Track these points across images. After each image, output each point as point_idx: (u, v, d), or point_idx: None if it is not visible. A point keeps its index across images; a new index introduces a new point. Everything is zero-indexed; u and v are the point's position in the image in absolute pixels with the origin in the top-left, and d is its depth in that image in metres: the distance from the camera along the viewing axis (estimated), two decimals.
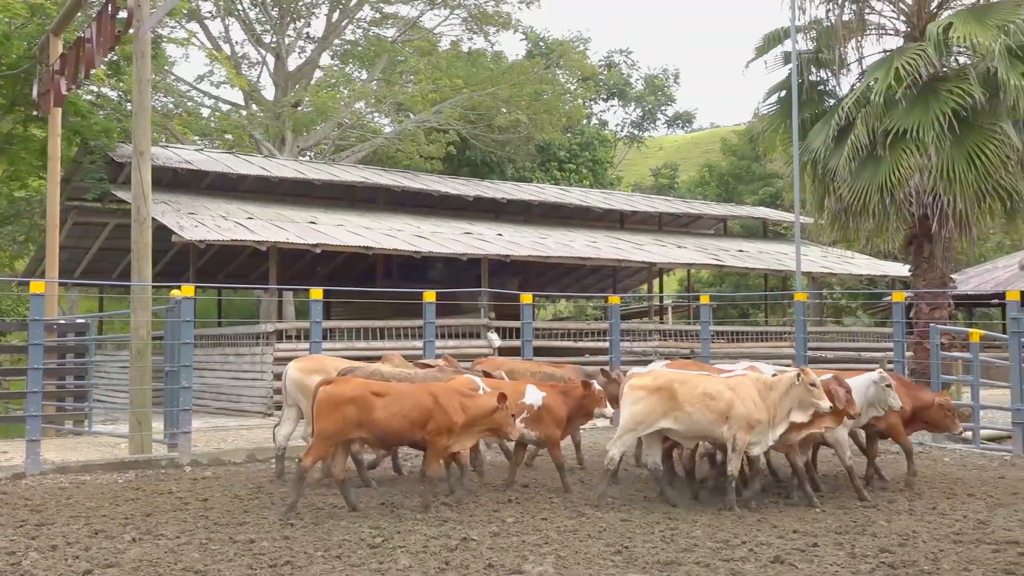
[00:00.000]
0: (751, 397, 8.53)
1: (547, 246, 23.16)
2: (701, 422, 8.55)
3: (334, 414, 8.13)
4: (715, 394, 8.51)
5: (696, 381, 8.67)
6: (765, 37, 19.08)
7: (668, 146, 70.97)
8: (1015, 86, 15.51)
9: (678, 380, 8.66)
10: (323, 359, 10.85)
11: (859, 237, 18.26)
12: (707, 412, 8.50)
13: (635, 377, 8.87)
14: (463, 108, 32.65)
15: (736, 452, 8.53)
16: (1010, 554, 6.99)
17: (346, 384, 8.45)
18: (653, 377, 8.78)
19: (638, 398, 8.60)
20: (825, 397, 8.38)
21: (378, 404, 8.21)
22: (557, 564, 6.69)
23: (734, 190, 47.92)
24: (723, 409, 8.48)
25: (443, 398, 8.40)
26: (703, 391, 8.54)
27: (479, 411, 8.50)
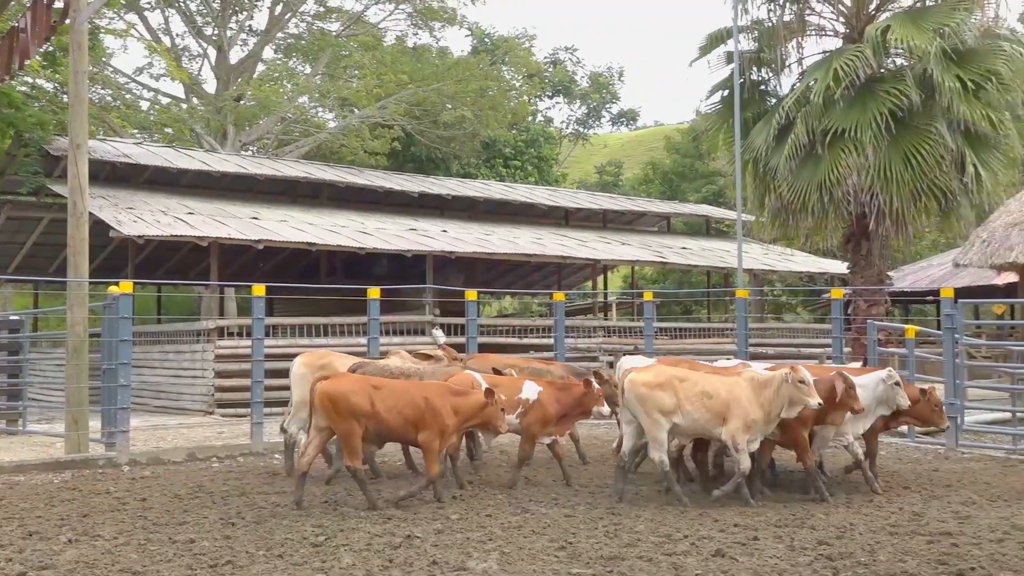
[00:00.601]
0: (747, 396, 8.60)
1: (492, 243, 23.16)
2: (699, 420, 8.61)
3: (340, 409, 8.24)
4: (713, 393, 8.59)
5: (695, 379, 8.75)
6: (708, 37, 19.29)
7: (613, 144, 71.40)
8: (950, 88, 15.88)
9: (678, 376, 8.74)
10: (329, 354, 10.91)
11: (799, 235, 18.59)
12: (705, 411, 8.56)
13: (635, 373, 8.84)
14: (408, 104, 32.48)
15: (741, 451, 8.57)
16: (943, 545, 7.15)
17: (345, 379, 8.60)
18: (654, 373, 8.81)
19: (644, 395, 8.59)
20: (815, 394, 8.46)
21: (376, 398, 8.35)
22: (501, 560, 6.70)
23: (678, 188, 48.36)
24: (720, 409, 8.55)
25: (436, 400, 8.51)
26: (702, 389, 8.61)
27: (470, 409, 8.63)
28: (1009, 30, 17.69)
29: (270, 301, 21.29)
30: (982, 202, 17.02)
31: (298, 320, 19.25)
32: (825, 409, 8.88)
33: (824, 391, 8.81)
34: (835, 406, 8.94)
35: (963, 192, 16.54)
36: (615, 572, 6.42)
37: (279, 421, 15.68)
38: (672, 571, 6.45)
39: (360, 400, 8.31)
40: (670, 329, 24.31)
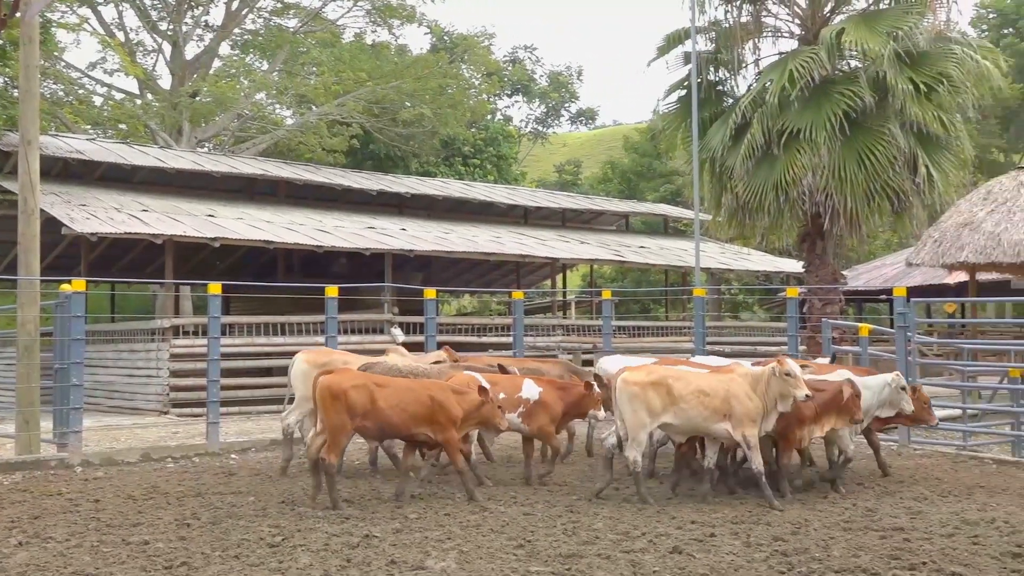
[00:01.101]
0: (746, 392, 8.61)
1: (451, 241, 23.13)
2: (696, 419, 8.59)
3: (336, 404, 8.25)
4: (710, 390, 8.58)
5: (690, 377, 8.75)
6: (667, 37, 19.43)
7: (572, 143, 71.63)
8: (903, 90, 16.14)
9: (672, 375, 8.74)
10: (331, 351, 10.97)
11: (755, 234, 18.79)
12: (703, 408, 8.54)
13: (628, 372, 8.83)
14: (367, 101, 32.30)
15: (754, 448, 8.56)
16: (896, 540, 7.27)
17: (347, 374, 8.61)
18: (646, 372, 8.80)
19: (635, 393, 8.58)
20: (803, 386, 8.45)
21: (379, 395, 8.39)
22: (460, 559, 6.69)
23: (636, 187, 48.61)
24: (719, 406, 8.54)
25: (440, 395, 8.62)
26: (698, 387, 8.59)
27: (469, 407, 8.73)
28: (960, 34, 18.02)
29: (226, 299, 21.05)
30: (934, 202, 17.31)
31: (255, 319, 19.09)
32: (824, 411, 9.03)
33: (830, 395, 8.98)
34: (839, 410, 9.07)
35: (915, 192, 16.82)
36: (573, 570, 6.44)
37: (236, 421, 15.61)
38: (630, 568, 6.48)
39: (360, 397, 8.31)
40: (628, 327, 24.44)
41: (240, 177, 24.10)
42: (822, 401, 9.01)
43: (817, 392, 8.96)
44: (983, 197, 21.61)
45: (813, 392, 8.90)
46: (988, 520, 7.96)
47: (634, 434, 8.61)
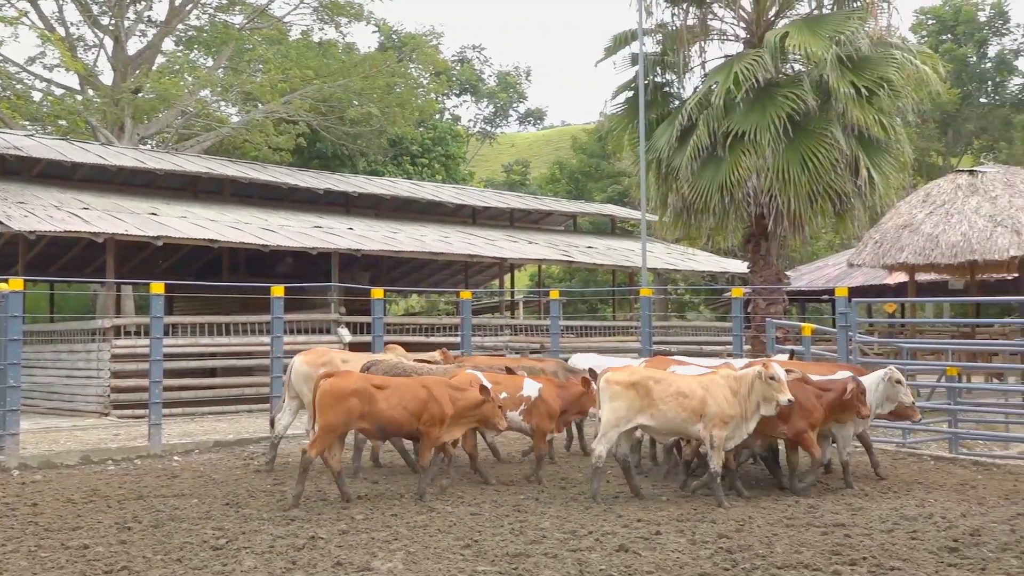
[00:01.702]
0: (723, 395, 8.70)
1: (399, 241, 23.03)
2: (675, 420, 8.69)
3: (337, 406, 8.39)
4: (688, 392, 8.67)
5: (670, 379, 8.85)
6: (614, 38, 19.51)
7: (520, 143, 71.75)
8: (844, 94, 16.40)
9: (652, 377, 8.82)
10: (328, 352, 11.07)
11: (701, 235, 18.96)
12: (680, 410, 8.64)
13: (611, 372, 8.92)
14: (314, 99, 32.02)
15: (716, 449, 8.66)
16: (837, 536, 7.39)
17: (348, 377, 8.74)
18: (628, 373, 8.89)
19: (616, 393, 8.67)
20: (787, 390, 8.57)
21: (379, 396, 8.56)
22: (407, 560, 6.67)
23: (584, 187, 48.83)
24: (697, 407, 8.63)
25: (436, 391, 8.78)
26: (677, 389, 8.69)
27: (467, 404, 8.85)
28: (900, 38, 18.30)
29: (169, 299, 20.76)
30: (875, 204, 17.60)
31: (199, 319, 18.81)
32: (832, 410, 9.17)
33: (836, 393, 9.11)
34: (844, 408, 9.19)
35: (857, 194, 17.09)
36: (520, 569, 6.45)
37: (179, 422, 15.39)
38: (576, 567, 6.51)
39: (360, 400, 8.47)
40: (576, 327, 24.54)
41: (184, 175, 23.74)
42: (829, 400, 9.19)
43: (824, 391, 9.18)
44: (922, 200, 22.03)
45: (821, 392, 9.15)
46: (926, 515, 8.13)
47: (606, 431, 8.73)
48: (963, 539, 7.27)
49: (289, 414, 10.79)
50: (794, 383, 9.13)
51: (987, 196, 20.99)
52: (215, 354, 18.48)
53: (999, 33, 46.47)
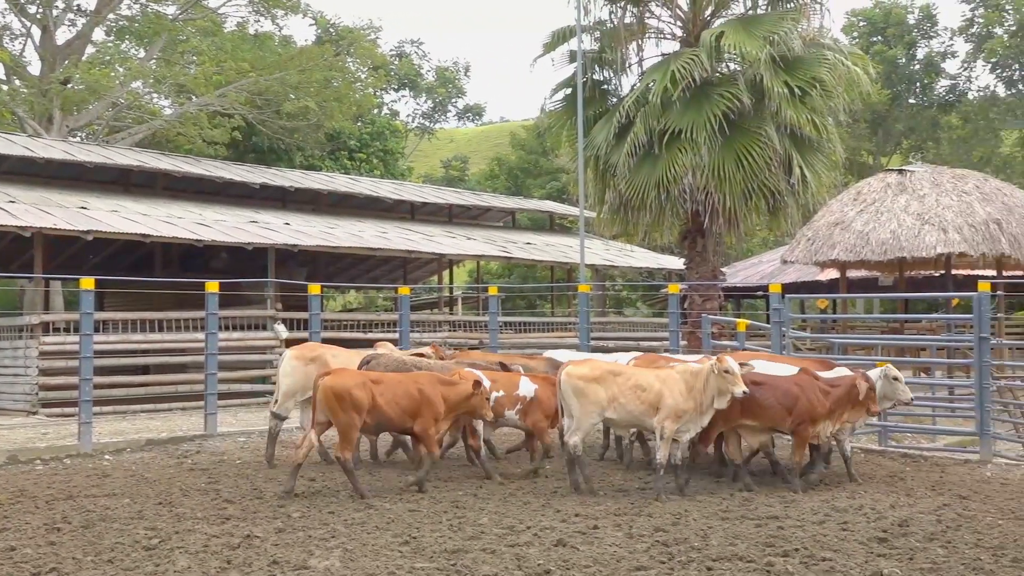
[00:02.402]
0: (679, 389, 8.83)
1: (336, 236, 22.82)
2: (634, 412, 8.84)
3: (344, 404, 8.62)
4: (646, 386, 8.82)
5: (629, 373, 8.99)
6: (553, 35, 19.58)
7: (459, 138, 71.60)
8: (778, 93, 16.68)
9: (613, 371, 8.95)
10: (319, 346, 11.20)
11: (638, 231, 19.14)
12: (639, 403, 8.79)
13: (572, 366, 9.01)
14: (249, 92, 31.55)
15: (665, 440, 8.78)
16: (771, 528, 7.53)
17: (347, 374, 9.00)
18: (590, 367, 9.00)
19: (580, 388, 8.80)
20: (740, 382, 8.67)
21: (376, 391, 8.81)
22: (344, 558, 6.63)
23: (522, 184, 48.92)
24: (654, 400, 8.77)
25: (428, 388, 9.07)
26: (635, 383, 8.84)
27: (458, 397, 9.15)
28: (832, 40, 18.67)
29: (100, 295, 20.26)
30: (807, 202, 17.94)
31: (130, 315, 18.43)
32: (838, 406, 9.26)
33: (844, 391, 9.23)
34: (855, 404, 9.30)
35: (790, 192, 17.40)
36: (458, 565, 6.45)
37: (110, 420, 15.07)
38: (515, 562, 6.53)
39: (363, 395, 8.70)
40: (515, 323, 24.58)
41: (115, 168, 23.23)
42: (836, 396, 9.28)
43: (832, 387, 9.29)
44: (853, 198, 22.47)
45: (828, 388, 9.25)
46: (856, 507, 8.32)
47: (581, 424, 8.88)
48: (892, 530, 7.46)
49: (283, 408, 10.95)
50: (803, 378, 9.38)
51: (915, 195, 21.50)
52: (147, 351, 18.13)
53: (927, 36, 47.65)
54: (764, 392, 9.20)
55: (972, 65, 46.72)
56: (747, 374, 9.11)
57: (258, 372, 18.87)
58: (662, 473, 8.84)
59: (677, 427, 8.82)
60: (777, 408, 9.18)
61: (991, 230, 20.45)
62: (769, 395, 9.21)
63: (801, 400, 9.16)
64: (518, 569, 6.38)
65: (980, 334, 11.19)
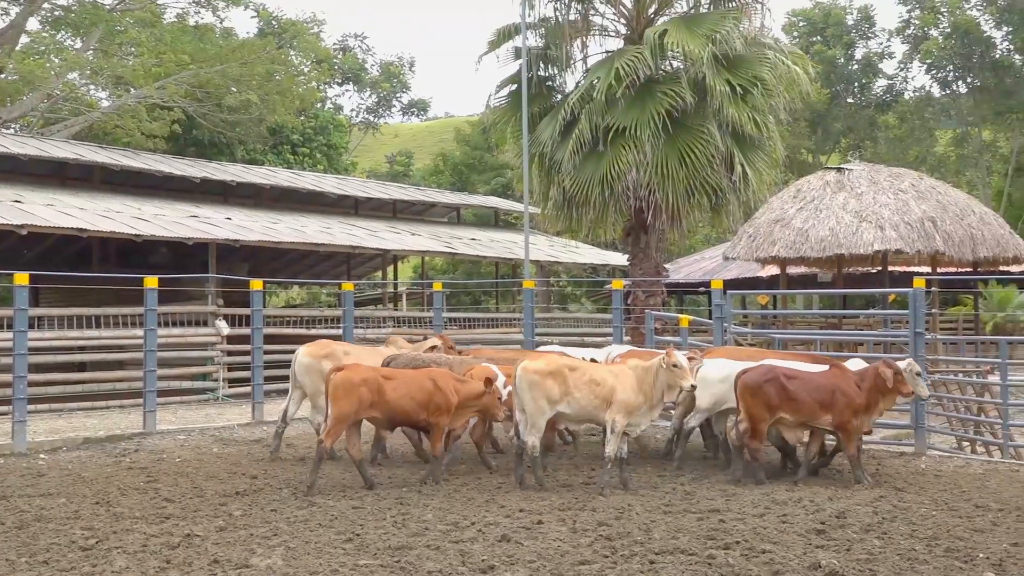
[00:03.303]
0: (631, 384, 8.93)
1: (279, 231, 22.59)
2: (588, 407, 8.94)
3: (347, 397, 8.77)
4: (600, 381, 8.93)
5: (584, 368, 9.08)
6: (498, 31, 19.56)
7: (403, 133, 71.23)
8: (720, 91, 16.84)
9: (569, 366, 9.03)
10: (331, 344, 11.41)
11: (582, 227, 19.21)
12: (593, 398, 8.89)
13: (528, 361, 9.10)
14: (189, 85, 31.04)
15: (616, 435, 8.89)
16: (712, 521, 7.62)
17: (358, 369, 9.16)
18: (546, 363, 9.07)
19: (534, 382, 8.86)
20: (688, 376, 8.84)
21: (388, 386, 8.99)
22: (286, 556, 6.57)
23: (467, 179, 48.85)
24: (606, 395, 8.88)
25: (441, 382, 9.24)
26: (590, 378, 8.94)
27: (469, 395, 9.31)
28: (773, 39, 18.89)
29: (34, 291, 19.84)
30: (748, 199, 18.15)
31: (67, 311, 18.05)
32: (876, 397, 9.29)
33: (871, 381, 9.25)
34: (887, 393, 9.31)
35: (732, 190, 17.59)
36: (402, 562, 6.43)
37: (45, 419, 14.74)
38: (459, 558, 6.54)
39: (369, 390, 8.88)
40: (459, 319, 24.56)
41: (50, 161, 22.72)
42: (868, 388, 9.31)
43: (862, 379, 9.33)
44: (793, 195, 22.86)
45: (860, 380, 9.29)
46: (795, 500, 8.46)
47: (534, 421, 8.92)
48: (830, 521, 7.60)
49: (294, 404, 11.15)
50: (836, 373, 9.46)
51: (853, 193, 21.93)
52: (84, 348, 17.78)
53: (865, 37, 48.57)
54: (798, 387, 9.29)
55: (908, 66, 47.78)
56: (783, 369, 9.40)
57: (198, 369, 18.60)
58: (609, 467, 8.91)
59: (627, 421, 8.91)
60: (811, 403, 9.25)
61: (926, 228, 20.95)
62: (803, 390, 9.29)
63: (837, 395, 9.24)
64: (462, 565, 6.39)
65: (915, 329, 11.44)
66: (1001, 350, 12.69)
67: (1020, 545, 6.96)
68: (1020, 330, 22.49)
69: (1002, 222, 22.97)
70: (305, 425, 14.08)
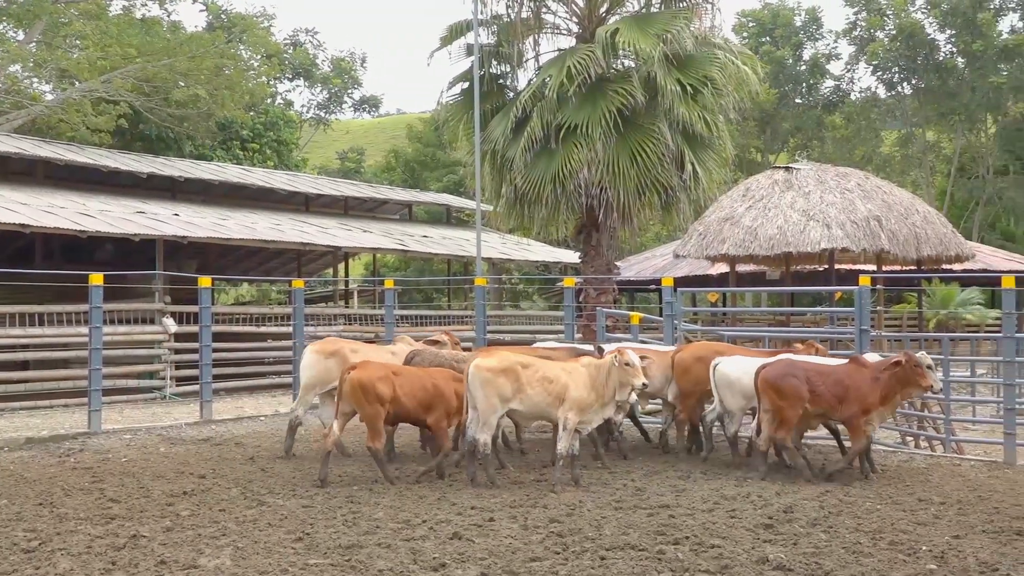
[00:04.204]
0: (583, 381, 8.96)
1: (228, 228, 22.33)
2: (540, 404, 8.94)
3: (369, 396, 9.01)
4: (553, 378, 8.93)
5: (537, 366, 9.05)
6: (450, 28, 19.50)
7: (355, 130, 70.82)
8: (671, 90, 16.96)
9: (522, 363, 9.01)
10: (339, 341, 11.55)
11: (534, 225, 19.24)
12: (546, 395, 8.90)
13: (481, 359, 9.08)
14: (136, 79, 30.51)
15: (568, 431, 8.91)
16: (662, 517, 7.69)
17: (371, 367, 9.33)
18: (498, 360, 9.02)
19: (487, 379, 8.83)
20: (640, 375, 8.91)
21: (397, 383, 9.21)
22: (235, 556, 6.50)
23: (419, 176, 48.70)
24: (559, 392, 8.89)
25: (441, 383, 9.42)
26: (543, 375, 8.93)
27: None
28: (723, 39, 19.05)
29: None
30: (698, 198, 18.29)
31: (9, 309, 17.67)
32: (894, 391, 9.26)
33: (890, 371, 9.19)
34: (907, 384, 9.28)
35: (682, 188, 17.72)
36: (353, 561, 6.40)
37: None
38: (410, 556, 6.52)
39: (386, 387, 9.09)
40: (411, 317, 24.48)
41: None
42: (884, 382, 9.28)
43: (882, 372, 9.28)
44: (742, 194, 23.10)
45: (877, 374, 9.26)
46: (744, 495, 8.57)
47: (486, 418, 8.89)
48: (777, 516, 7.70)
49: (303, 403, 11.17)
50: (851, 367, 9.46)
51: (801, 192, 22.22)
52: (28, 346, 17.43)
53: (813, 38, 49.24)
54: (817, 380, 9.33)
55: (855, 67, 48.55)
56: (803, 363, 9.46)
57: (145, 367, 18.33)
58: (561, 464, 8.93)
59: (579, 419, 8.96)
60: (829, 396, 9.29)
61: (871, 226, 21.28)
62: (820, 382, 9.33)
63: (851, 388, 9.26)
64: (413, 563, 6.37)
65: (861, 327, 11.63)
66: (944, 347, 12.95)
67: (961, 538, 7.12)
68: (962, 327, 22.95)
69: (945, 221, 23.42)
70: (256, 424, 13.98)
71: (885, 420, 9.84)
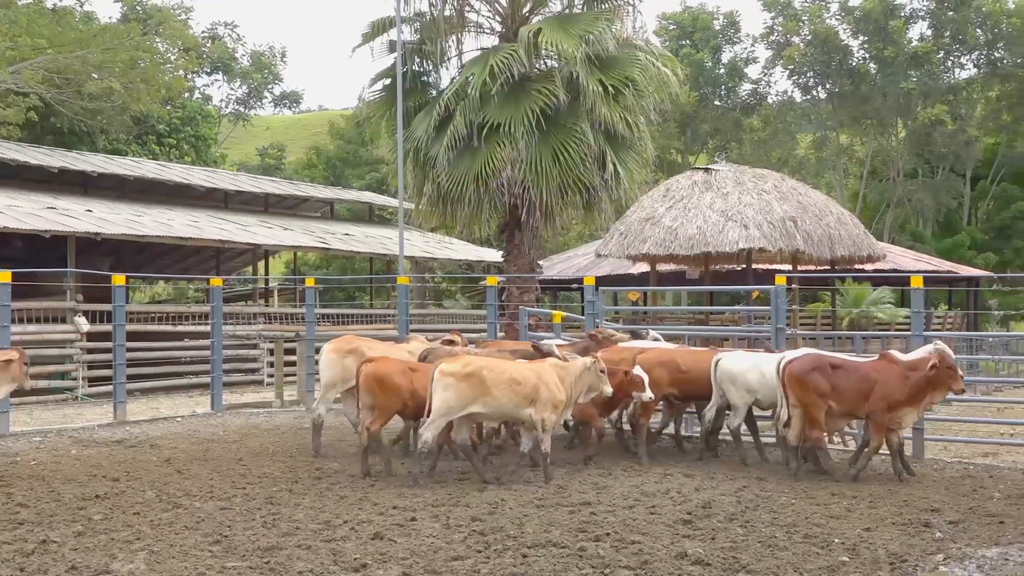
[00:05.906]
0: (554, 381, 8.99)
1: (143, 224, 21.82)
2: (507, 405, 8.90)
3: (387, 388, 9.18)
4: (521, 379, 8.90)
5: (503, 367, 9.00)
6: (372, 24, 19.36)
7: (275, 126, 69.91)
8: (593, 91, 17.11)
9: (487, 367, 8.92)
10: (356, 339, 11.56)
11: (457, 223, 19.23)
12: (514, 396, 8.86)
13: (445, 363, 8.99)
14: (47, 70, 29.58)
15: (547, 432, 8.97)
16: (584, 514, 7.75)
17: (388, 362, 9.51)
18: (463, 364, 8.92)
19: (448, 384, 8.75)
20: (607, 382, 9.13)
21: (413, 378, 9.28)
22: (150, 560, 6.36)
23: (341, 174, 48.28)
24: (529, 393, 8.87)
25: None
26: (510, 376, 8.88)
27: None
28: (645, 41, 19.27)
29: None
30: (620, 197, 18.49)
31: None
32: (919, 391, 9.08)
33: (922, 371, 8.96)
34: (937, 384, 9.07)
35: (604, 188, 17.89)
36: (272, 563, 6.31)
37: None
38: (331, 557, 6.46)
39: (403, 380, 9.21)
40: (333, 315, 24.24)
41: None
42: (915, 381, 9.06)
43: (911, 371, 9.07)
44: (663, 194, 23.37)
45: (906, 373, 9.06)
46: (664, 491, 8.69)
47: (435, 418, 8.86)
48: (696, 512, 7.83)
49: (324, 401, 11.21)
50: (880, 363, 9.34)
51: (720, 192, 22.57)
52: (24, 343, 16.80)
53: (732, 41, 50.25)
54: (840, 376, 9.26)
55: (772, 71, 49.63)
56: (829, 357, 9.48)
57: (56, 367, 17.80)
58: (548, 460, 9.12)
59: (554, 417, 9.10)
60: (854, 393, 9.22)
61: (787, 227, 21.73)
62: (844, 379, 9.26)
63: (877, 386, 9.14)
64: (334, 564, 6.31)
65: (777, 325, 11.88)
66: (856, 344, 13.31)
67: (872, 530, 7.32)
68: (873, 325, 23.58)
69: (857, 222, 24.02)
70: (172, 425, 13.69)
71: (915, 422, 9.74)
